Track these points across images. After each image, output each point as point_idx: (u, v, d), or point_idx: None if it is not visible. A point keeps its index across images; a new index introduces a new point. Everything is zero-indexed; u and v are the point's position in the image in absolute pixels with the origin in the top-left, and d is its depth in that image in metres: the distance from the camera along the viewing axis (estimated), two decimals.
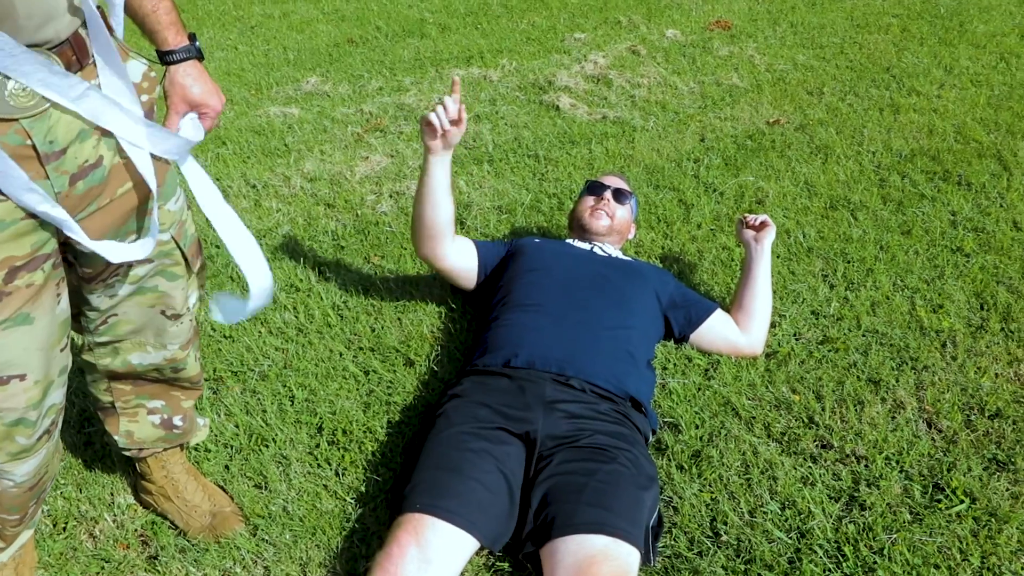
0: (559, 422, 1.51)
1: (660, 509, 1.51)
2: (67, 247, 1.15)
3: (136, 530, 1.52)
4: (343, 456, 1.68)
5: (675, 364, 1.91)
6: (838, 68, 3.79)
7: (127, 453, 1.49)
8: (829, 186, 2.72)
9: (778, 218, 2.53)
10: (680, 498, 1.56)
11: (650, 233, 2.47)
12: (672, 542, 1.48)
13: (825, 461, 1.65)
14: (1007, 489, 1.56)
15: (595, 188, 2.09)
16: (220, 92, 1.26)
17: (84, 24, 1.02)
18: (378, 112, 3.35)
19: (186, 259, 1.30)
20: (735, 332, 1.90)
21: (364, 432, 1.73)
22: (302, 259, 2.34)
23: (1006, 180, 2.72)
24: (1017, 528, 1.48)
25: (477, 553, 1.44)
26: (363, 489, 1.60)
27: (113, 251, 1.10)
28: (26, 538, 1.37)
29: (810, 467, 1.63)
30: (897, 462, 1.64)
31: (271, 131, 3.19)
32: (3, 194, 0.98)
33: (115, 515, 1.56)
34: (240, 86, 3.69)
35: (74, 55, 1.00)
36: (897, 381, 1.86)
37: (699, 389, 1.83)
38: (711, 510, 1.54)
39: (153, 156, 1.12)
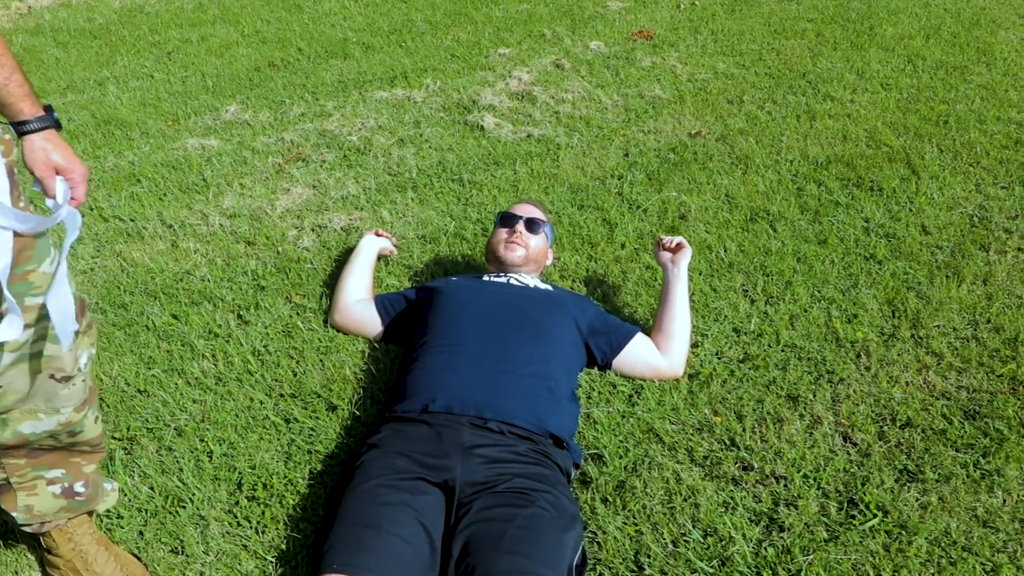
0: (477, 468, 1.50)
1: (584, 546, 1.52)
2: None
3: None
4: (263, 512, 1.63)
5: (599, 392, 1.92)
6: (757, 75, 3.88)
7: (28, 528, 1.42)
8: (749, 197, 2.78)
9: (700, 233, 2.57)
10: (604, 532, 1.56)
11: (575, 255, 2.48)
12: None
13: (746, 483, 1.67)
14: (916, 499, 1.61)
15: (507, 220, 2.09)
16: (79, 159, 1.27)
17: None
18: (300, 140, 3.29)
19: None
20: (655, 355, 1.92)
21: (285, 485, 1.69)
22: (220, 303, 2.28)
23: (915, 184, 2.82)
24: (926, 539, 1.53)
25: None
26: (284, 547, 1.56)
27: None
28: None
29: (731, 491, 1.65)
30: (815, 479, 1.68)
31: (188, 165, 3.10)
32: None
33: None
34: (156, 118, 3.58)
35: None
36: (814, 396, 1.90)
37: (623, 417, 1.85)
38: (635, 543, 1.55)
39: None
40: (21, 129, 1.19)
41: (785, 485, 1.67)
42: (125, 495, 1.68)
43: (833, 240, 2.51)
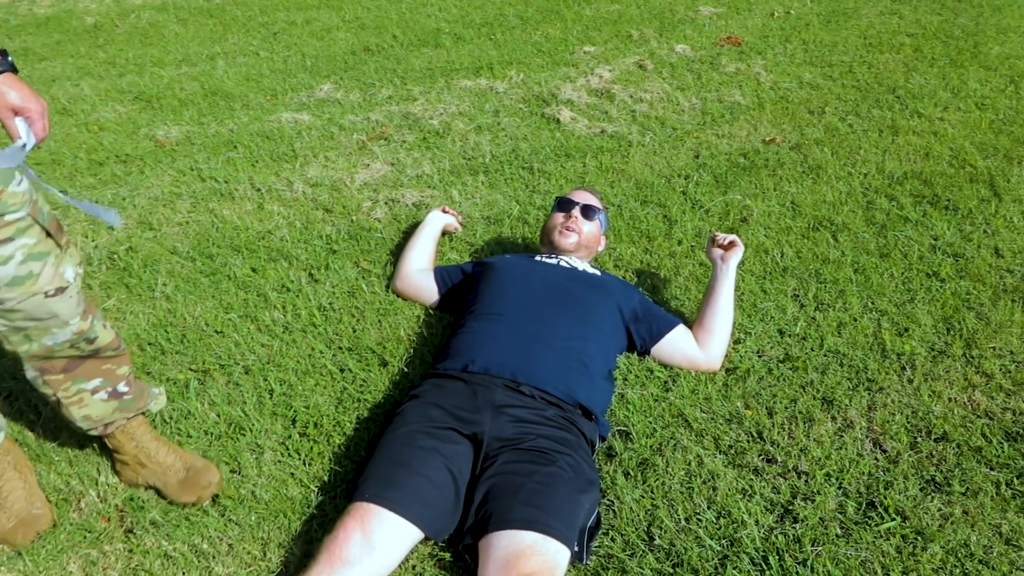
0: (505, 425, 1.60)
1: (599, 512, 1.60)
2: None
3: (116, 505, 1.66)
4: (312, 448, 1.79)
5: (636, 375, 2.00)
6: (843, 87, 3.82)
7: (94, 433, 1.63)
8: (814, 206, 2.78)
9: (758, 236, 2.59)
10: (620, 502, 1.64)
11: (631, 247, 2.55)
12: (608, 543, 1.57)
13: (766, 475, 1.72)
14: (939, 510, 1.62)
15: (564, 205, 2.19)
16: (39, 97, 1.37)
17: None
18: (384, 120, 3.48)
19: (49, 234, 1.40)
20: (693, 348, 1.98)
21: (334, 426, 1.85)
22: (295, 261, 2.48)
23: (994, 206, 2.74)
24: (941, 548, 1.53)
25: (422, 543, 1.54)
26: (326, 479, 1.71)
27: None
28: (0, 440, 1.57)
29: (751, 479, 1.70)
30: (837, 479, 1.70)
31: (281, 136, 3.34)
32: None
33: (99, 491, 1.69)
34: (257, 92, 3.85)
35: None
36: (850, 401, 1.91)
37: (655, 400, 1.92)
38: (649, 515, 1.62)
39: None
40: None
41: (806, 481, 1.70)
42: (194, 418, 1.87)
43: (896, 254, 2.49)
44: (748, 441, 1.80)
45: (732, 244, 2.10)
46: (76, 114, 3.66)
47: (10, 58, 1.35)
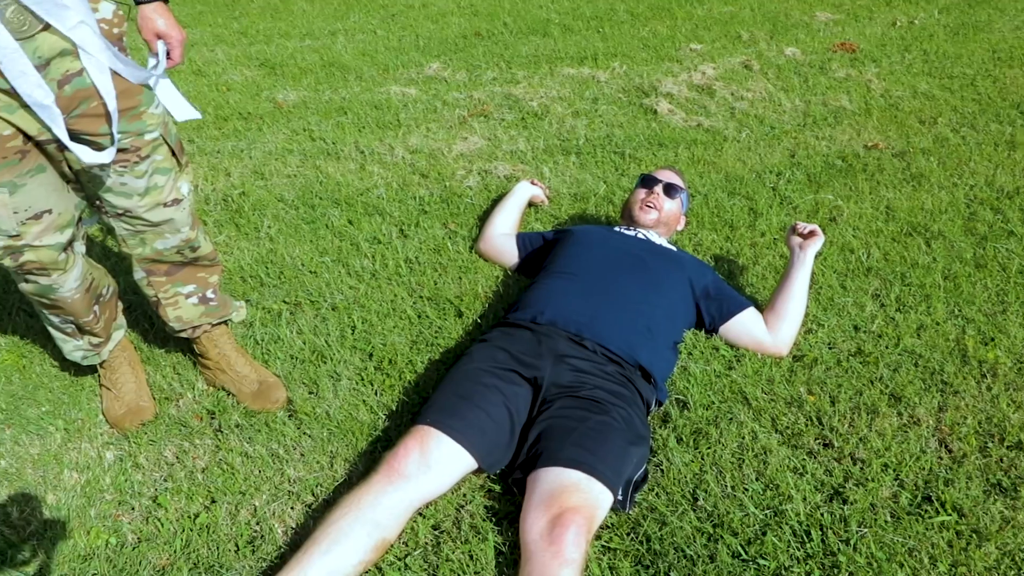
0: (564, 372, 1.68)
1: (648, 469, 1.65)
2: None
3: (207, 407, 1.84)
4: (384, 380, 1.93)
5: (700, 351, 2.02)
6: (962, 100, 3.66)
7: (184, 335, 1.82)
8: (911, 213, 2.70)
9: (846, 236, 2.55)
10: (669, 463, 1.68)
11: (712, 234, 2.57)
12: (652, 497, 1.61)
13: (821, 457, 1.72)
14: (1000, 512, 1.57)
15: (648, 181, 2.23)
16: (179, 27, 1.56)
17: None
18: (486, 99, 3.61)
19: (174, 153, 1.59)
20: (762, 330, 1.99)
21: (407, 364, 1.98)
22: (388, 217, 2.63)
23: None
24: (997, 548, 1.50)
25: (475, 473, 1.64)
26: (394, 408, 1.84)
27: (85, 153, 1.40)
28: (120, 336, 1.81)
29: (804, 459, 1.70)
30: (895, 469, 1.68)
31: (388, 107, 3.53)
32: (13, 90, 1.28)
33: (195, 394, 1.89)
34: (371, 66, 4.07)
35: None
36: (919, 400, 1.88)
37: (717, 376, 1.94)
38: (696, 478, 1.66)
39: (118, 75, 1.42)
40: (139, 1, 1.51)
41: (861, 468, 1.69)
42: (282, 343, 2.05)
43: (993, 266, 2.39)
44: (806, 424, 1.80)
45: (812, 233, 2.09)
46: (208, 75, 3.99)
47: None
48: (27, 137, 1.38)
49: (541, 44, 4.44)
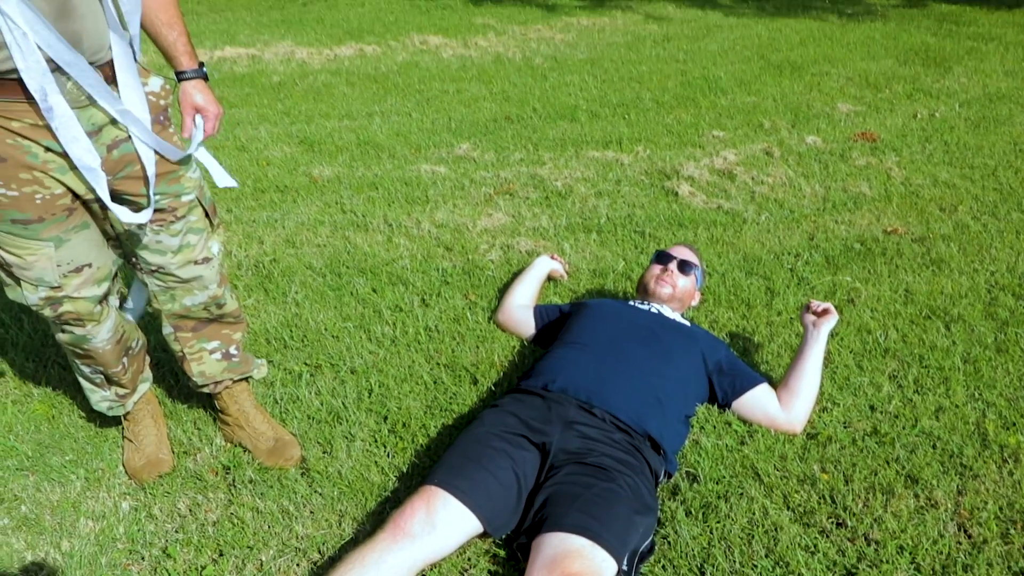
0: (573, 439, 1.69)
1: (655, 541, 1.63)
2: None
3: (223, 462, 1.88)
4: (397, 443, 1.95)
5: (713, 426, 2.02)
6: (983, 189, 3.70)
7: (206, 389, 1.88)
8: (930, 296, 2.70)
9: (863, 317, 2.56)
10: (677, 535, 1.67)
11: (728, 312, 2.59)
12: (659, 570, 1.59)
13: (834, 537, 1.68)
14: None
15: (662, 258, 2.29)
16: (217, 102, 1.70)
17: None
18: (512, 178, 3.75)
19: (207, 214, 1.70)
20: (775, 406, 1.99)
21: (420, 428, 2.00)
22: (411, 287, 2.71)
23: None
24: None
25: (481, 537, 1.64)
26: (405, 470, 1.86)
27: (124, 214, 1.51)
28: (145, 389, 1.88)
29: (816, 538, 1.67)
30: (911, 552, 1.64)
31: (418, 183, 3.68)
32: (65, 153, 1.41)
33: (212, 449, 1.93)
34: (403, 145, 4.26)
35: (111, 72, 1.44)
36: (937, 483, 1.84)
37: (729, 451, 1.93)
38: (704, 552, 1.63)
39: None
40: (179, 77, 1.66)
41: (876, 549, 1.65)
42: (300, 403, 2.10)
43: (1015, 351, 2.37)
44: (819, 502, 1.78)
45: (826, 311, 2.11)
46: (251, 151, 4.21)
47: (203, 68, 1.69)
48: (75, 196, 1.49)
49: (568, 128, 4.62)
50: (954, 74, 5.83)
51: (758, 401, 2.00)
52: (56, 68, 1.34)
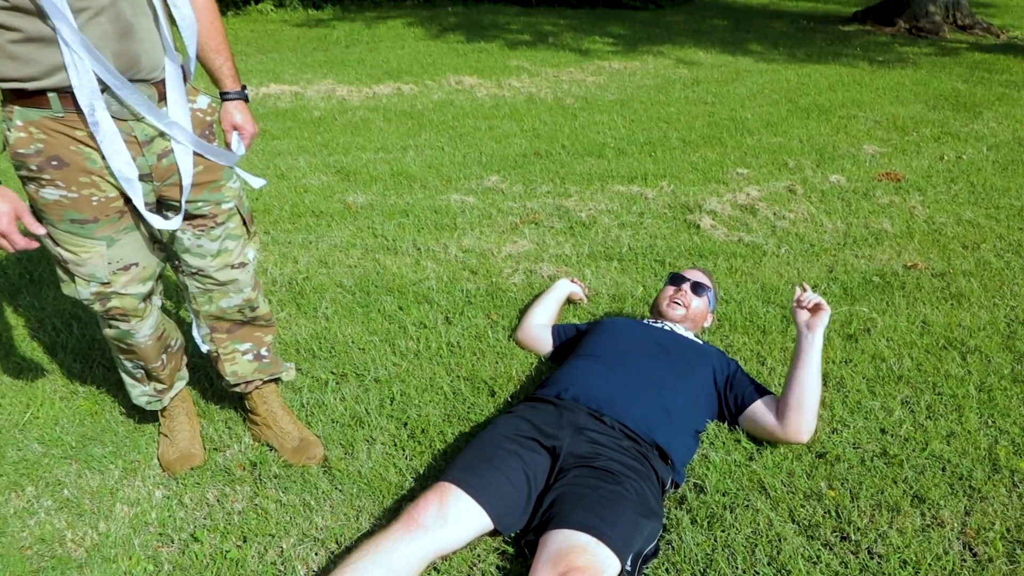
0: (582, 444, 1.76)
1: (659, 545, 1.68)
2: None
3: (250, 458, 1.98)
4: (416, 447, 2.04)
5: (723, 442, 2.07)
6: (1008, 228, 3.72)
7: (237, 389, 1.99)
8: (947, 328, 2.73)
9: (878, 346, 2.59)
10: (681, 541, 1.71)
11: (744, 337, 2.65)
12: (663, 572, 1.64)
13: (837, 549, 1.71)
14: None
15: (676, 279, 2.37)
16: (254, 122, 1.88)
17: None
18: (538, 209, 3.88)
19: (245, 223, 1.83)
20: (772, 419, 2.00)
21: (438, 434, 2.09)
22: (436, 305, 2.82)
23: None
24: None
25: (490, 535, 1.70)
26: (422, 472, 1.94)
27: (156, 221, 1.65)
28: (181, 386, 2.00)
29: (819, 550, 1.71)
30: (914, 567, 1.67)
31: (447, 212, 3.82)
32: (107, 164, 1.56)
33: (241, 447, 2.03)
34: (435, 177, 4.43)
35: (163, 89, 1.60)
36: (944, 503, 1.86)
37: (737, 465, 1.98)
38: (708, 558, 1.67)
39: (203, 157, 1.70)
40: (223, 97, 1.84)
41: (879, 563, 1.68)
42: (326, 408, 2.20)
43: None
44: (824, 516, 1.81)
45: (818, 307, 2.03)
46: (289, 179, 4.42)
47: (245, 91, 1.85)
48: (126, 200, 1.64)
49: (595, 164, 4.75)
50: (984, 119, 5.85)
51: (764, 415, 2.04)
52: (106, 88, 1.50)
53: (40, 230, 1.58)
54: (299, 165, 4.67)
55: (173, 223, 1.68)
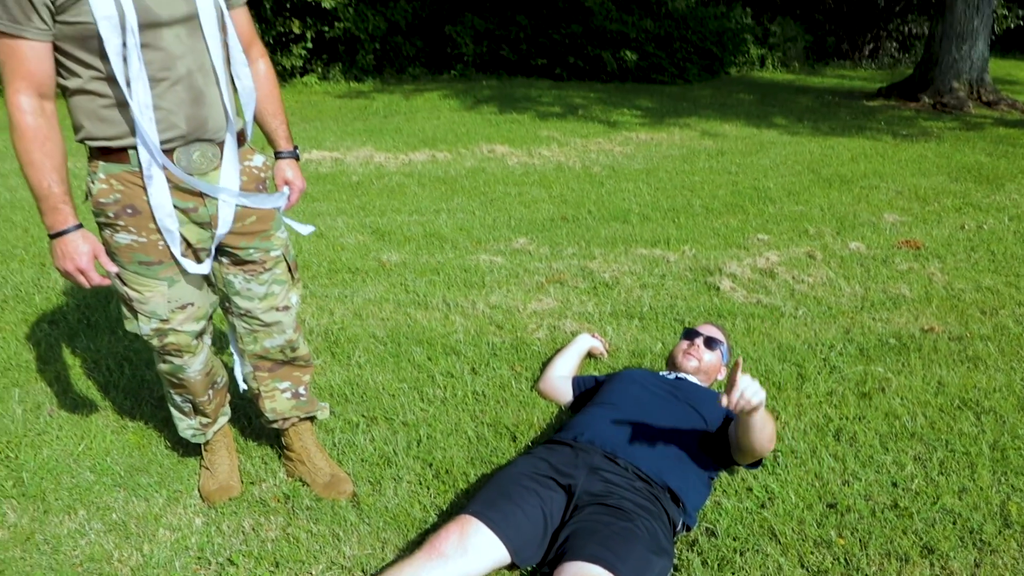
0: (597, 483, 1.86)
1: None
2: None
3: (284, 492, 2.11)
4: (440, 486, 2.14)
5: (736, 491, 2.14)
6: None
7: (275, 426, 2.13)
8: (963, 389, 2.78)
9: (892, 404, 2.65)
10: None
11: None
12: None
13: None
14: None
15: (690, 334, 2.48)
16: (303, 178, 2.07)
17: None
18: (563, 269, 4.04)
19: (290, 269, 1.99)
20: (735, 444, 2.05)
21: (461, 475, 2.19)
22: (463, 357, 2.96)
23: None
24: None
25: (508, 568, 1.79)
26: (445, 509, 2.04)
27: (190, 266, 1.81)
28: (224, 422, 2.14)
29: None
30: None
31: (476, 271, 4.00)
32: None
33: (275, 481, 2.16)
34: (466, 239, 4.64)
35: (220, 148, 1.78)
36: (954, 555, 1.90)
37: (748, 512, 2.04)
38: None
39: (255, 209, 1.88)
40: (277, 156, 2.04)
41: None
42: (356, 448, 2.32)
43: None
44: (833, 563, 1.86)
45: (743, 403, 1.79)
46: (328, 238, 4.66)
47: (297, 151, 2.06)
48: (188, 245, 1.83)
49: (620, 229, 4.93)
50: (1006, 190, 5.94)
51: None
52: (168, 151, 1.70)
53: (113, 268, 1.77)
54: (337, 225, 4.93)
55: (203, 267, 1.86)
